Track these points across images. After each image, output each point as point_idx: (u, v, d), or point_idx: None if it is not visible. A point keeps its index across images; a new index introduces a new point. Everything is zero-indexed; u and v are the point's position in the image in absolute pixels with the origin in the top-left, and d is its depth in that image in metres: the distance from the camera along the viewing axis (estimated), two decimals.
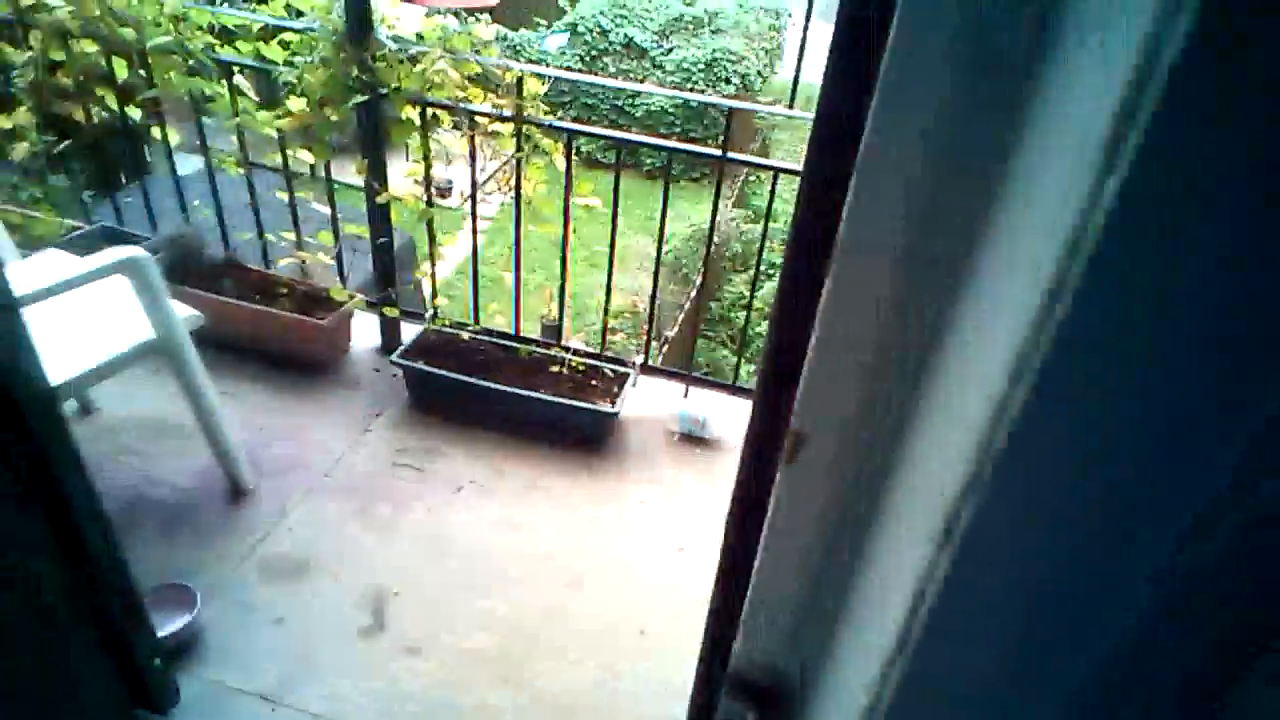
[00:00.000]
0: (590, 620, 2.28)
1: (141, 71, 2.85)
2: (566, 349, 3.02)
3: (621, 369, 2.96)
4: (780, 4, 15.45)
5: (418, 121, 2.68)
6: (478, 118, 2.64)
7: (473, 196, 2.81)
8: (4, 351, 1.36)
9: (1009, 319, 0.34)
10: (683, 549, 2.55)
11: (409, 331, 3.10)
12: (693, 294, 10.03)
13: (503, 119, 2.60)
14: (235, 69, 2.78)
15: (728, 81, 13.36)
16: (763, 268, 11.98)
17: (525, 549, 2.47)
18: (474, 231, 2.97)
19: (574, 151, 2.68)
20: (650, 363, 3.04)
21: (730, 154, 2.49)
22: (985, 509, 0.36)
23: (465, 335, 2.99)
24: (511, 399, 2.81)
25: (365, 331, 3.21)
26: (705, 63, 13.20)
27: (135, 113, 3.01)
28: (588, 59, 13.23)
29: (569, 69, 12.82)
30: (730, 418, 3.01)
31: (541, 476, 2.72)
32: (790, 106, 14.79)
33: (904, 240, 0.43)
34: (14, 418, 1.39)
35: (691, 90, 13.20)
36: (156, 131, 3.00)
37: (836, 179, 0.46)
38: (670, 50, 13.33)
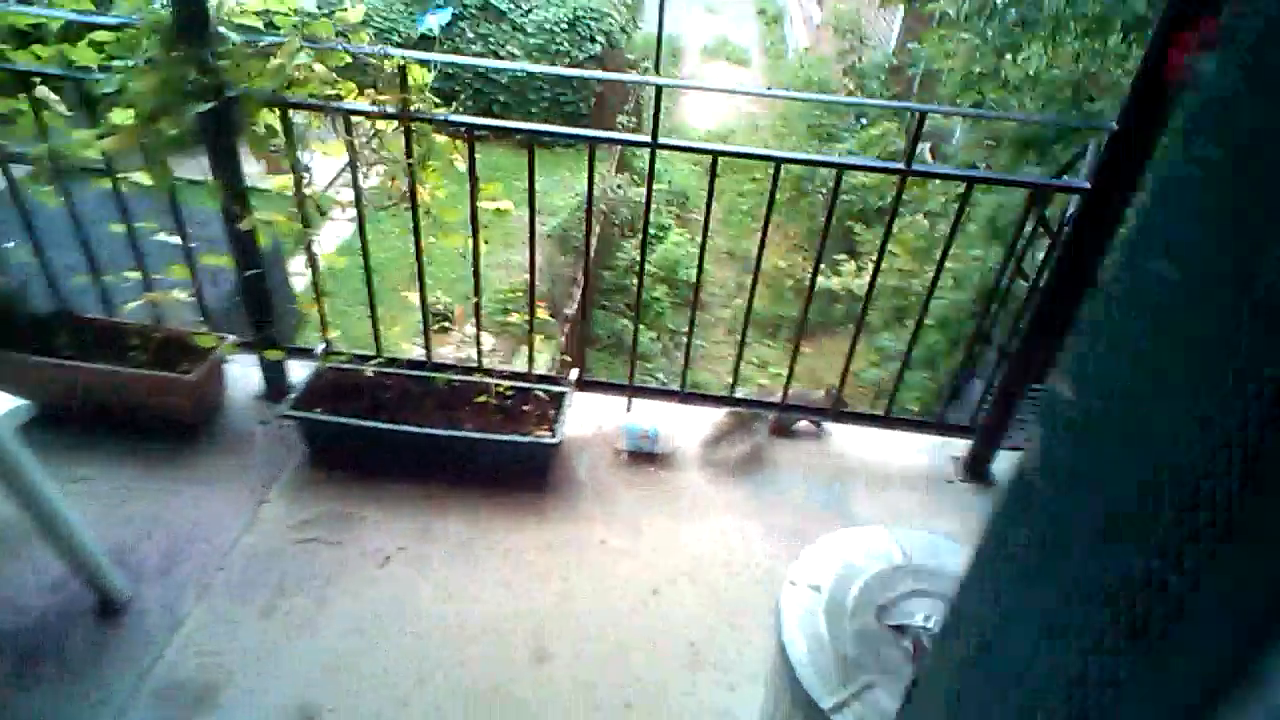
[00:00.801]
0: (565, 700, 1.95)
1: None
2: (490, 372, 2.64)
3: (555, 388, 2.61)
4: None
5: (279, 126, 2.21)
6: (355, 118, 2.19)
7: (359, 212, 2.36)
8: None
9: None
10: (657, 590, 2.25)
11: (299, 369, 2.65)
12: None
13: (387, 117, 2.17)
14: (36, 79, 2.22)
15: (593, 40, 12.86)
16: (651, 231, 11.69)
17: (475, 621, 2.11)
18: (364, 251, 2.52)
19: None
20: (586, 376, 2.70)
21: (661, 140, 2.15)
22: None
23: (368, 370, 2.56)
24: (433, 442, 2.41)
25: (244, 378, 2.72)
26: (568, 22, 12.65)
27: None
28: (443, 25, 12.44)
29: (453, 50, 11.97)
30: (680, 425, 2.71)
31: (481, 530, 2.35)
32: (657, 64, 14.44)
33: None
34: None
35: (556, 52, 12.65)
36: None
37: None
38: (530, 10, 12.69)
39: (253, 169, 2.37)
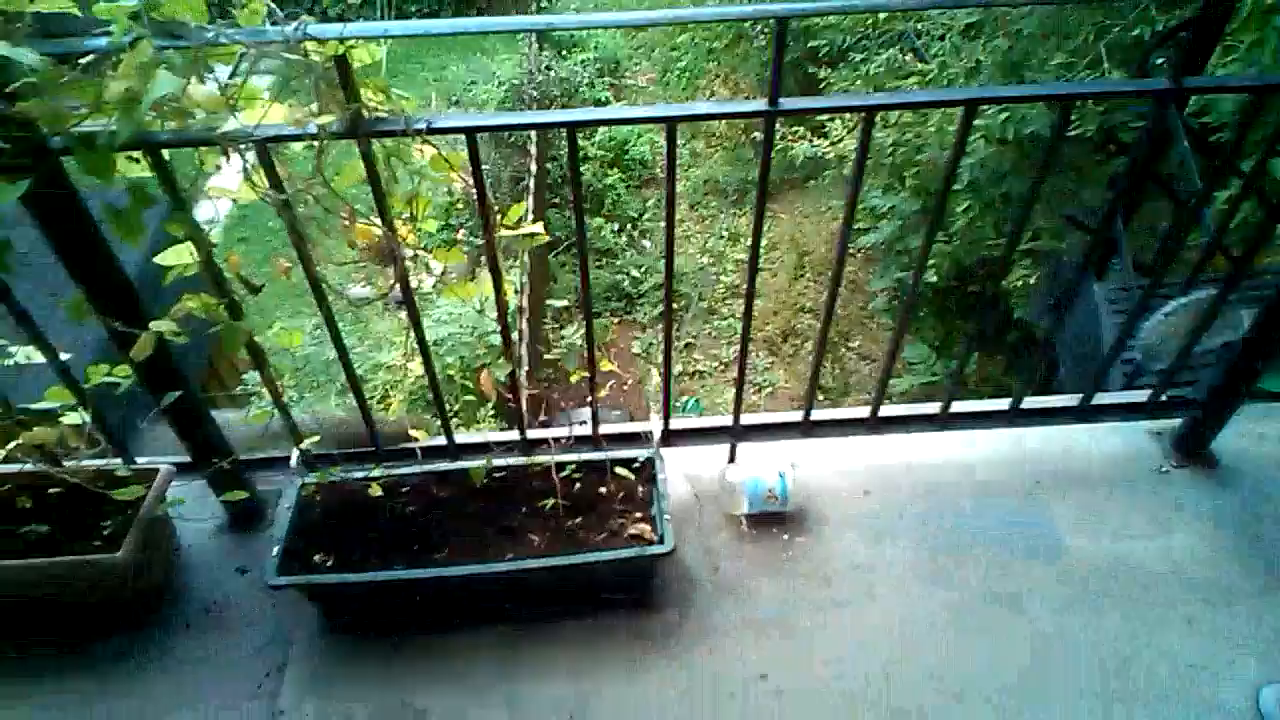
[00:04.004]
0: None
1: None
2: (537, 444, 1.88)
3: (637, 453, 1.86)
4: None
5: (150, 174, 1.33)
6: (272, 146, 1.32)
7: (315, 290, 1.52)
8: None
9: None
10: None
11: (271, 480, 1.88)
12: (531, 165, 8.57)
13: (328, 138, 1.30)
14: None
15: None
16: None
17: None
18: (334, 336, 1.68)
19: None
20: (671, 422, 1.95)
21: (783, 105, 1.33)
22: None
23: (374, 484, 1.78)
24: (488, 582, 1.68)
25: (195, 506, 1.91)
26: None
27: None
28: None
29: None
30: (806, 459, 2.00)
31: (589, 688, 1.67)
32: None
33: None
34: None
35: None
36: None
37: None
38: None
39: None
